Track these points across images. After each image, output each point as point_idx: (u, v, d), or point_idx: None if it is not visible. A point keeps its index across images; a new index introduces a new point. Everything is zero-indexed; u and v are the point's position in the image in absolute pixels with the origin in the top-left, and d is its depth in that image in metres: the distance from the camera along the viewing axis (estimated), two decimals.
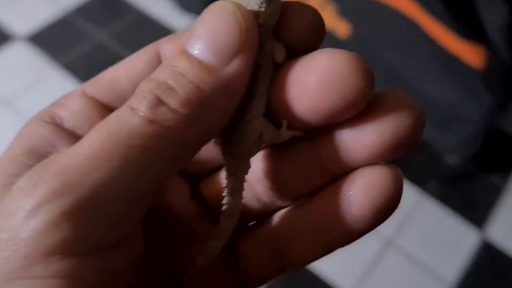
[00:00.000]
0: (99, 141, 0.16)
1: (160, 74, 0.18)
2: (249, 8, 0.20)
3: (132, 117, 0.17)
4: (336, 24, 1.03)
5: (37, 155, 0.19)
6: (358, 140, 0.19)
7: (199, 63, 0.18)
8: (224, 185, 0.21)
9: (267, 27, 0.20)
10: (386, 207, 0.19)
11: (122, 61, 0.22)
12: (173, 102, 0.17)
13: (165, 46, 0.22)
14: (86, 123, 0.20)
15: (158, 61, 0.21)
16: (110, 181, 0.16)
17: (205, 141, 0.19)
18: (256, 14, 0.20)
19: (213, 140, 0.21)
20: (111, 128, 0.17)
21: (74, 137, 0.20)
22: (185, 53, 0.18)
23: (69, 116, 0.21)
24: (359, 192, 0.19)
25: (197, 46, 0.18)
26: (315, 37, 0.20)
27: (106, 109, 0.21)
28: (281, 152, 0.22)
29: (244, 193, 0.22)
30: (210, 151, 0.23)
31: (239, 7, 0.18)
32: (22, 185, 0.16)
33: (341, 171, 0.20)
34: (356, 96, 0.18)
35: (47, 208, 0.15)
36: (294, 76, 0.19)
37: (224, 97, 0.18)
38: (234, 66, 0.18)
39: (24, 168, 0.18)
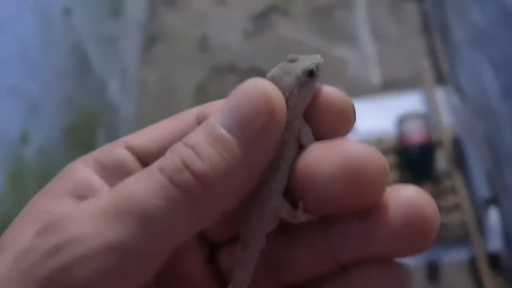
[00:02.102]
0: (120, 197, 0.18)
1: (190, 140, 0.19)
2: (283, 89, 0.21)
3: (159, 177, 0.18)
4: None
5: (76, 197, 0.21)
6: (368, 233, 0.19)
7: (225, 137, 0.19)
8: (236, 256, 0.22)
9: (298, 108, 0.21)
10: None
11: (164, 120, 0.23)
12: (197, 169, 0.18)
13: (202, 111, 0.23)
14: (123, 174, 0.22)
15: (194, 126, 0.22)
16: (122, 238, 0.17)
17: (222, 210, 0.20)
18: (287, 96, 0.21)
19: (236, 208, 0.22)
20: (135, 185, 0.18)
21: (110, 185, 0.22)
22: (215, 126, 0.19)
23: (111, 164, 0.22)
24: None
25: (226, 120, 0.19)
26: (343, 125, 0.21)
27: (144, 163, 0.22)
28: (295, 233, 0.22)
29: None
30: (234, 219, 0.23)
31: (272, 87, 0.19)
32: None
33: (351, 261, 0.20)
34: (369, 194, 0.19)
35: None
36: (312, 161, 0.20)
37: (244, 171, 0.19)
38: (257, 143, 0.19)
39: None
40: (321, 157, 0.20)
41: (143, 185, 0.18)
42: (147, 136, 0.23)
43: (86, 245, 0.17)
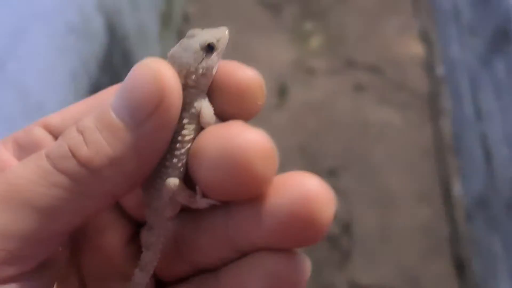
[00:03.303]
0: (6, 183, 0.18)
1: (81, 125, 0.19)
2: (182, 66, 0.20)
3: (45, 164, 0.18)
4: None
5: None
6: (256, 221, 0.19)
7: (114, 121, 0.18)
8: (142, 238, 0.22)
9: (199, 87, 0.20)
10: None
11: (87, 98, 0.23)
12: (81, 156, 0.18)
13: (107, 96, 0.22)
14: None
15: None
16: (7, 225, 0.18)
17: (115, 196, 0.20)
18: (186, 74, 0.20)
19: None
20: (21, 172, 0.18)
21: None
22: (106, 109, 0.19)
23: (27, 144, 0.22)
24: (253, 282, 0.19)
25: (117, 104, 0.19)
26: (247, 104, 0.20)
27: None
28: (200, 217, 0.22)
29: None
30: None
31: (163, 66, 0.19)
32: None
33: (249, 248, 0.20)
34: (251, 183, 0.18)
35: None
36: (199, 146, 0.19)
37: (134, 157, 0.19)
38: (146, 128, 0.18)
39: None
40: (207, 141, 0.19)
41: (29, 172, 0.18)
42: (66, 115, 0.23)
43: None
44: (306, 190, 0.18)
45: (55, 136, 0.22)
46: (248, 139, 0.18)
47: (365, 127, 1.27)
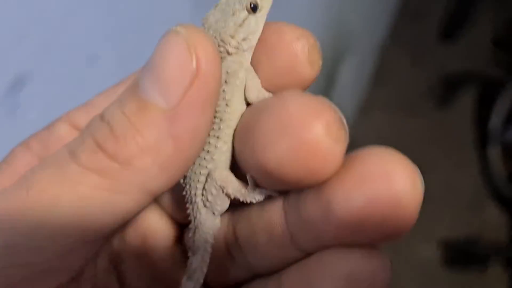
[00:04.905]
0: (28, 200, 0.16)
1: (107, 113, 0.16)
2: (218, 32, 0.17)
3: (68, 163, 0.16)
4: None
5: None
6: (325, 210, 0.16)
7: (144, 103, 0.15)
8: (188, 242, 0.19)
9: (241, 54, 0.17)
10: None
11: (110, 87, 0.21)
12: (111, 147, 0.15)
13: None
14: None
15: None
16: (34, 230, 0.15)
17: (152, 192, 0.17)
18: (224, 40, 0.17)
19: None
20: (49, 175, 0.16)
21: None
22: (134, 89, 0.16)
23: (52, 144, 0.20)
24: (325, 286, 0.16)
25: (145, 81, 0.16)
26: (302, 70, 0.17)
27: None
28: (251, 214, 0.19)
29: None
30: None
31: (196, 33, 0.15)
32: None
33: (315, 245, 0.17)
34: (318, 161, 0.15)
35: None
36: (258, 124, 0.16)
37: (170, 143, 0.15)
38: (182, 107, 0.15)
39: None
40: (259, 119, 0.16)
41: (53, 181, 0.16)
42: (91, 108, 0.21)
43: None
44: (387, 167, 0.15)
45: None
46: (309, 109, 0.15)
47: None
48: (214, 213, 0.19)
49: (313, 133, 0.14)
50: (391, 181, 0.15)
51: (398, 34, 1.49)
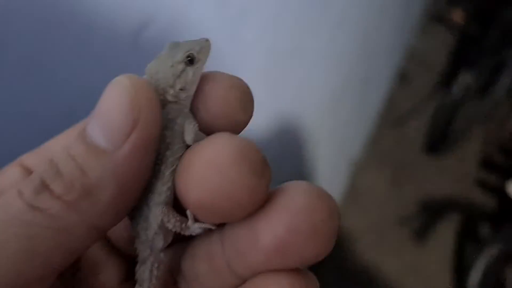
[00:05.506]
0: None
1: (53, 155, 0.17)
2: (159, 82, 0.18)
3: (16, 202, 0.16)
4: None
5: None
6: (253, 238, 0.17)
7: (89, 146, 0.17)
8: (135, 274, 0.20)
9: (180, 102, 0.19)
10: None
11: (62, 133, 0.22)
12: (57, 187, 0.16)
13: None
14: None
15: None
16: None
17: (100, 229, 0.18)
18: (164, 89, 0.18)
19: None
20: None
21: None
22: (81, 134, 0.17)
23: (5, 188, 0.21)
24: None
25: (91, 126, 0.17)
26: (235, 115, 0.19)
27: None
28: (196, 245, 0.20)
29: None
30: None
31: (137, 82, 0.17)
32: None
33: (249, 272, 0.18)
34: (244, 197, 0.16)
35: None
36: (192, 164, 0.17)
37: (114, 184, 0.17)
38: (125, 150, 0.17)
39: None
40: (193, 159, 0.18)
41: (0, 219, 0.16)
42: (43, 152, 0.22)
43: None
44: (305, 200, 0.17)
45: None
46: (235, 150, 0.17)
47: None
48: (158, 247, 0.20)
49: (239, 171, 0.16)
50: (310, 213, 0.17)
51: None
